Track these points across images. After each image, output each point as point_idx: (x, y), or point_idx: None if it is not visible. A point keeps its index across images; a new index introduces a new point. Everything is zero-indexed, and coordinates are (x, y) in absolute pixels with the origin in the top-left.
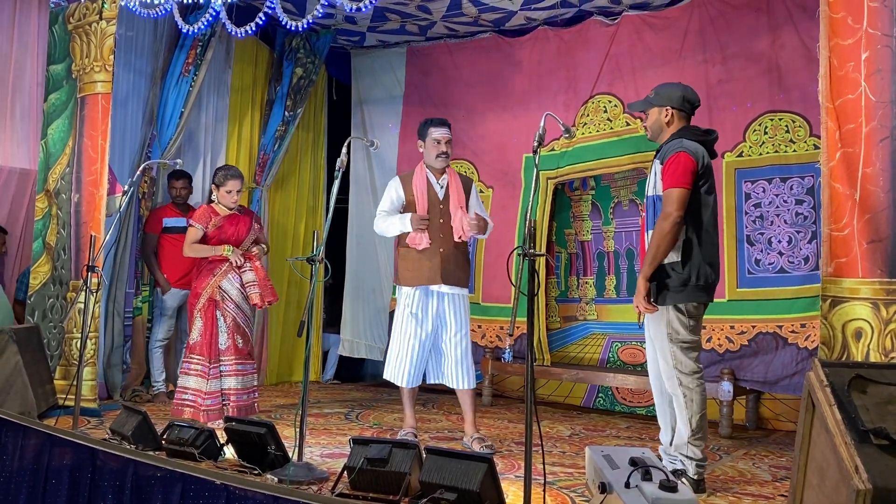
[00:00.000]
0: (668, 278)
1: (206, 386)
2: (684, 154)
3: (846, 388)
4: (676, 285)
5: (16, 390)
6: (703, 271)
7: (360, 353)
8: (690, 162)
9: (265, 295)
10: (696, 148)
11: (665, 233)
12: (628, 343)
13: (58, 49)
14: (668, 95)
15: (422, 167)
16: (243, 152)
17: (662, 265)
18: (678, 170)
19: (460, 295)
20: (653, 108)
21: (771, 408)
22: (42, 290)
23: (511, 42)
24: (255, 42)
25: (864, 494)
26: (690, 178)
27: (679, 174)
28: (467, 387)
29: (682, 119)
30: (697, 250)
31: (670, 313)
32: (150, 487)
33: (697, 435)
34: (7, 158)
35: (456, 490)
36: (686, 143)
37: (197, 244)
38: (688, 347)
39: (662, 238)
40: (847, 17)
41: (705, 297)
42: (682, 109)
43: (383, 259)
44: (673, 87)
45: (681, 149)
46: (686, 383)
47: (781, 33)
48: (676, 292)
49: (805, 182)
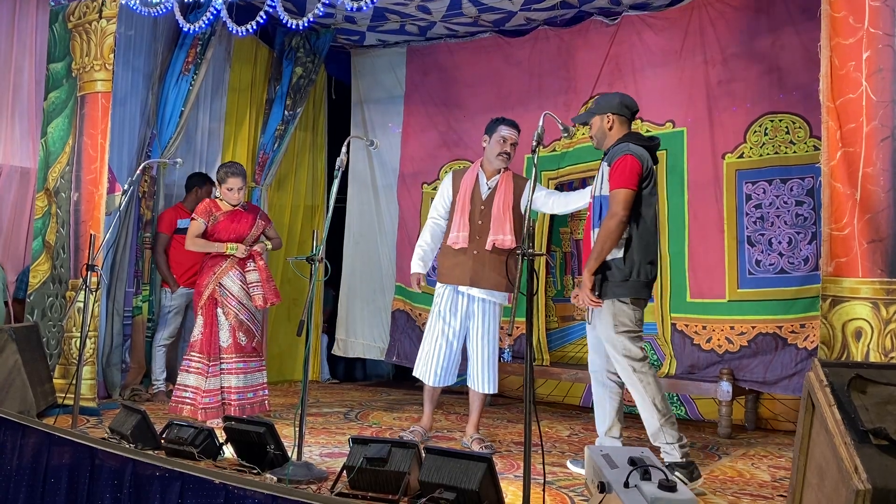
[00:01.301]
0: (611, 273)
1: (205, 384)
2: (631, 157)
3: (846, 388)
4: (618, 280)
5: (15, 389)
6: (644, 269)
7: (354, 353)
8: (636, 164)
9: (268, 296)
10: (641, 152)
11: (611, 231)
12: None
13: (58, 47)
14: (608, 103)
15: (476, 165)
16: (242, 151)
17: (605, 261)
18: (625, 172)
19: (489, 300)
20: (595, 118)
21: (770, 408)
22: (41, 288)
23: (511, 42)
24: (254, 41)
25: (863, 495)
26: (636, 179)
27: (626, 176)
28: (485, 391)
29: (623, 124)
30: (639, 248)
31: (615, 306)
32: (149, 486)
33: (666, 415)
34: (7, 157)
35: (455, 490)
36: (632, 147)
37: (199, 239)
38: (635, 336)
39: (608, 236)
40: (848, 16)
41: (646, 292)
42: (621, 114)
43: (385, 259)
44: (612, 96)
45: (627, 152)
46: (639, 369)
47: (782, 34)
48: (618, 286)
49: (805, 183)
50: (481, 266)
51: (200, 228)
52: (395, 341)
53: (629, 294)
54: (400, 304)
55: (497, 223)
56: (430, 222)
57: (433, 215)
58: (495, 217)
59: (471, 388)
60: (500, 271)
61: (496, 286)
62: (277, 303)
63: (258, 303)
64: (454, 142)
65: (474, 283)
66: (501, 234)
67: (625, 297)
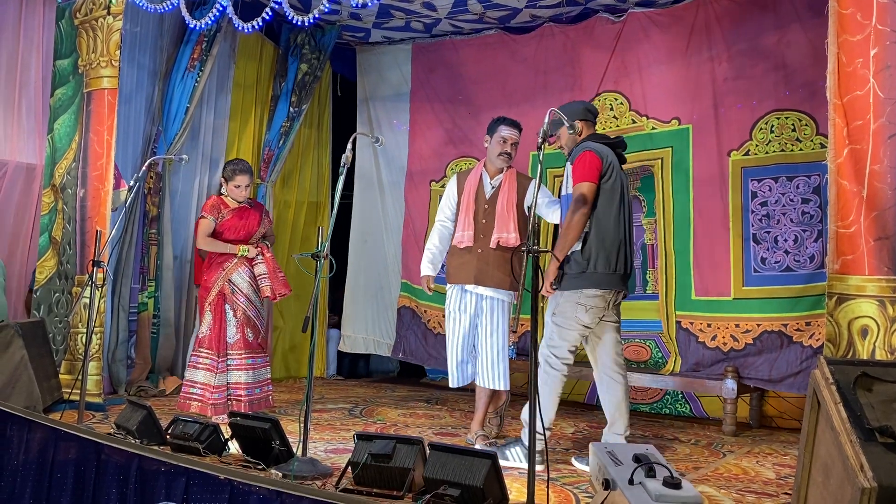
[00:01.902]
0: (569, 266)
1: (215, 380)
2: (590, 153)
3: (852, 386)
4: (576, 272)
5: (21, 384)
6: (602, 261)
7: (361, 349)
8: (596, 159)
9: (277, 287)
10: (601, 148)
11: (574, 223)
12: (631, 340)
13: (64, 44)
14: (573, 111)
15: (480, 164)
16: (247, 148)
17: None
18: (584, 167)
19: (496, 298)
20: (563, 127)
21: (775, 406)
22: (48, 284)
23: (516, 39)
24: (259, 38)
25: (868, 493)
26: (596, 174)
27: (585, 170)
28: (493, 387)
29: (589, 128)
30: (596, 241)
31: (564, 297)
32: (154, 481)
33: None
34: (13, 153)
35: (459, 486)
36: (591, 144)
37: (211, 238)
38: (567, 331)
39: (572, 228)
40: (856, 13)
41: (605, 285)
42: (586, 119)
43: (391, 256)
44: (574, 104)
45: (587, 148)
46: (553, 363)
47: (788, 31)
48: (575, 278)
49: (811, 181)
50: (486, 264)
51: (210, 226)
52: (402, 338)
53: (583, 286)
54: (406, 300)
55: (501, 221)
56: (437, 225)
57: (440, 218)
58: (499, 215)
59: (477, 385)
60: (505, 269)
61: (501, 284)
62: (288, 293)
63: (267, 294)
64: (460, 139)
65: (479, 281)
66: (505, 232)
67: (580, 289)
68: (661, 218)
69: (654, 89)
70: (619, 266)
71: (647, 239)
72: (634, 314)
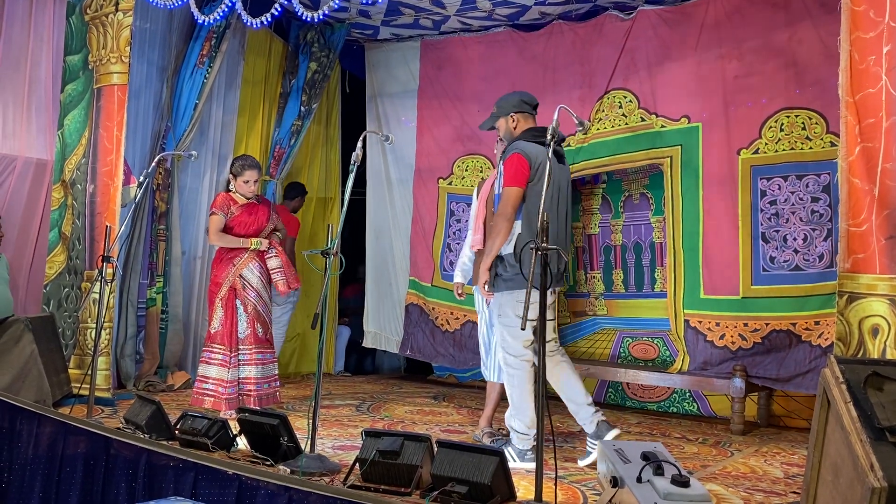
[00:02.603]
0: (501, 267)
1: (228, 374)
2: (517, 155)
3: (862, 386)
4: (510, 274)
5: (31, 379)
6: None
7: (382, 345)
8: (523, 163)
9: (290, 281)
10: (530, 149)
11: (498, 228)
12: (639, 339)
13: (74, 40)
14: (508, 103)
15: (495, 171)
16: (255, 144)
17: (500, 256)
18: (511, 170)
19: None
20: (500, 120)
21: (783, 405)
22: (57, 279)
23: (525, 37)
24: (268, 34)
25: (879, 492)
26: (521, 178)
27: (511, 174)
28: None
29: (526, 120)
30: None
31: (503, 298)
32: (163, 476)
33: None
34: (24, 148)
35: (467, 483)
36: (521, 145)
37: (223, 234)
38: (516, 329)
39: (498, 233)
40: (869, 9)
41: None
42: (522, 111)
43: (399, 253)
44: (511, 95)
45: (515, 150)
46: (511, 363)
47: (799, 28)
48: (508, 280)
49: (821, 179)
50: None
51: (221, 222)
52: (409, 335)
53: (518, 287)
54: (413, 297)
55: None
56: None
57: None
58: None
59: (488, 380)
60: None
61: None
62: (298, 287)
63: (281, 289)
64: (468, 136)
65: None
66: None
67: (513, 290)
68: (669, 216)
69: (664, 87)
70: (552, 266)
71: (656, 237)
72: (643, 312)
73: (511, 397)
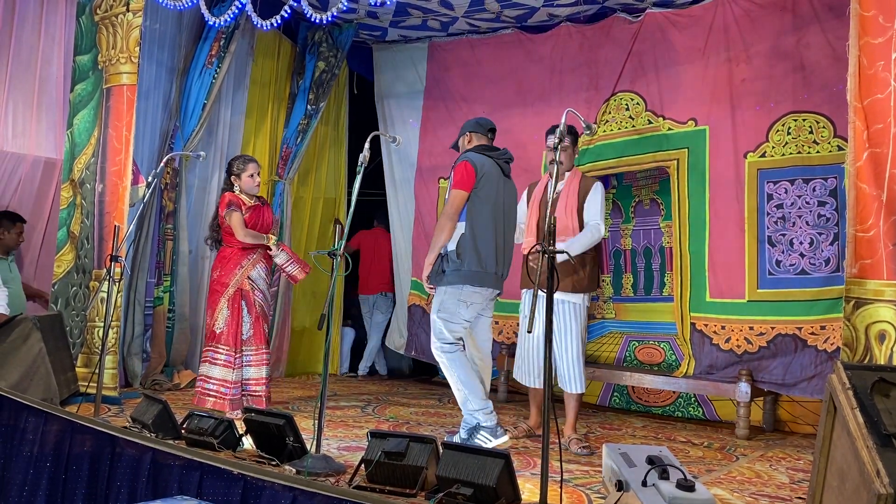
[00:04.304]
0: (445, 264)
1: (232, 375)
2: (465, 162)
3: (869, 392)
4: (451, 270)
5: (39, 377)
6: (473, 260)
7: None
8: (470, 169)
9: (302, 268)
10: (477, 158)
11: (442, 226)
12: (646, 342)
13: (84, 40)
14: (467, 125)
15: (547, 174)
16: (263, 145)
17: (444, 253)
18: (458, 175)
19: (568, 301)
20: (461, 139)
21: (789, 410)
22: (66, 278)
23: (533, 38)
24: (277, 35)
25: (885, 499)
26: (468, 182)
27: (458, 179)
28: (572, 391)
29: (479, 139)
30: (471, 242)
31: (444, 293)
32: (168, 475)
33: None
34: (33, 147)
35: (472, 485)
36: (469, 154)
37: (249, 229)
38: (451, 322)
39: (440, 230)
40: (878, 15)
41: (480, 283)
42: (477, 131)
43: (402, 254)
44: (471, 119)
45: (463, 158)
46: (446, 349)
47: (807, 32)
48: (450, 275)
49: (828, 183)
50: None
51: (242, 217)
52: (413, 335)
53: (459, 282)
54: (416, 298)
55: (560, 226)
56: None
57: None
58: (559, 221)
59: (564, 391)
60: (571, 272)
61: (567, 287)
62: (309, 271)
63: (298, 276)
64: None
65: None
66: (564, 235)
67: (459, 286)
68: (676, 219)
69: (671, 90)
70: (491, 265)
71: (665, 242)
72: (650, 316)
73: (459, 380)
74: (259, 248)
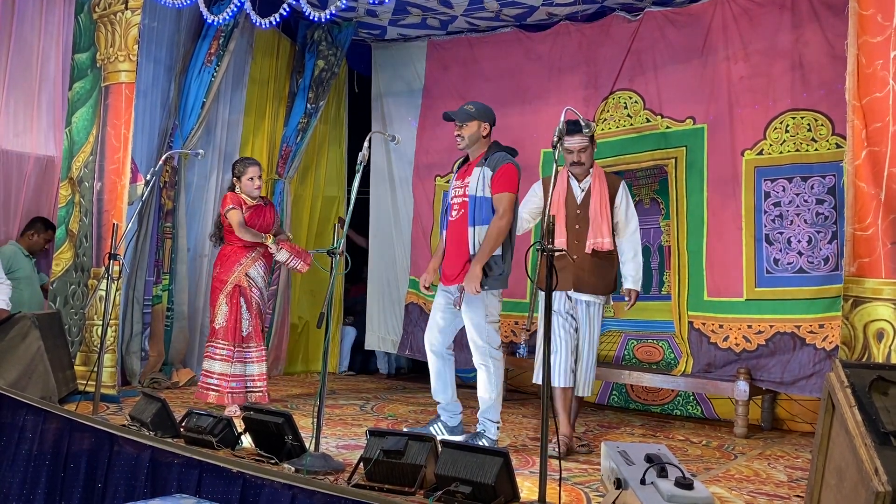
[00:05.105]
0: (490, 269)
1: (231, 369)
2: (512, 166)
3: (867, 390)
4: (497, 275)
5: (37, 375)
6: (510, 265)
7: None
8: (517, 172)
9: (305, 261)
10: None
11: (502, 230)
12: (644, 341)
13: (83, 38)
14: (486, 113)
15: (564, 171)
16: (261, 144)
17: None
18: (510, 178)
19: (593, 303)
20: (474, 121)
21: (787, 408)
22: (64, 276)
23: (532, 37)
24: (276, 34)
25: (883, 497)
26: (517, 185)
27: (511, 182)
28: (584, 394)
29: (490, 134)
30: (510, 247)
31: (489, 298)
32: (167, 473)
33: (499, 397)
34: (32, 145)
35: (471, 483)
36: (509, 157)
37: (248, 227)
38: (498, 325)
39: (500, 234)
40: (877, 14)
41: (506, 286)
42: (493, 125)
43: (400, 252)
44: (488, 107)
45: (510, 161)
46: (495, 356)
47: (805, 31)
48: (496, 280)
49: (826, 181)
50: (581, 270)
51: (241, 215)
52: (409, 334)
53: (500, 287)
54: (413, 297)
55: (595, 226)
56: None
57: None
58: (593, 220)
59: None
60: (601, 275)
61: (597, 289)
62: (310, 261)
63: (303, 270)
64: None
65: (577, 287)
66: (600, 236)
67: (496, 290)
68: (674, 218)
69: (670, 88)
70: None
71: (664, 241)
72: (648, 315)
73: (497, 387)
74: (259, 246)
